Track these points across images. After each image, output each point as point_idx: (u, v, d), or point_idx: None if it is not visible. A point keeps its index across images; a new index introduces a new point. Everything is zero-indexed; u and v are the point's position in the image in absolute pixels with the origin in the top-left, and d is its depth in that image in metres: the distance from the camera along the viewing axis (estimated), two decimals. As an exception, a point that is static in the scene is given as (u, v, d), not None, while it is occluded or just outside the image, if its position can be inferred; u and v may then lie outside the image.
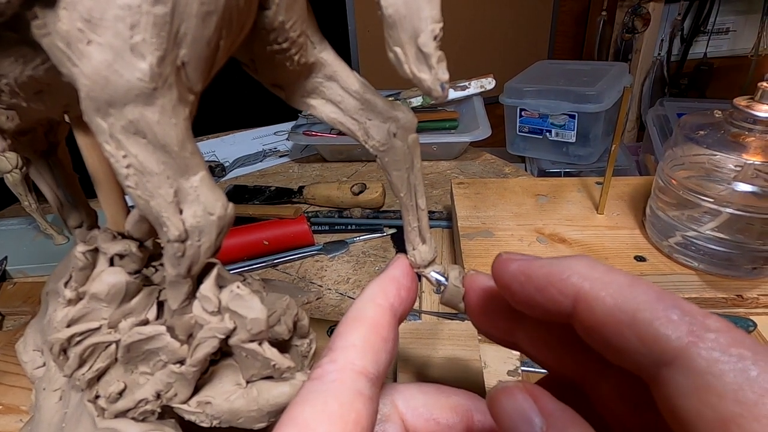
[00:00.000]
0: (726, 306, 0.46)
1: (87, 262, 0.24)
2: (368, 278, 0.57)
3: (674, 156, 0.46)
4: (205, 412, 0.24)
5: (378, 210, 0.68)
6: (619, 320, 0.14)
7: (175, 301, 0.22)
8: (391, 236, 0.62)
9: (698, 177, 0.44)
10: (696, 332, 0.13)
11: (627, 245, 0.48)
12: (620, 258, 0.47)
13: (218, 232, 0.19)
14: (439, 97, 0.17)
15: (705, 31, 1.64)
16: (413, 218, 0.24)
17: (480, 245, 0.49)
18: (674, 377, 0.13)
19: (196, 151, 0.18)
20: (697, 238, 0.44)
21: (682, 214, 0.45)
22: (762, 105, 0.40)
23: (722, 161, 0.42)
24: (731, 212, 0.42)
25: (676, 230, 0.45)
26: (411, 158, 0.22)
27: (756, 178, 0.41)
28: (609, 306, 0.14)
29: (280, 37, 0.19)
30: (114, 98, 0.15)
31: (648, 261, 0.47)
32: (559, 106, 1.28)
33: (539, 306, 0.16)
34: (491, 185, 0.60)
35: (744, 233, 0.42)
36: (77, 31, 0.15)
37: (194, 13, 0.15)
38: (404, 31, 0.16)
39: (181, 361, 0.23)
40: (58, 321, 0.24)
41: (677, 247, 0.46)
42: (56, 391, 0.27)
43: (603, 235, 0.50)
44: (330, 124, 0.23)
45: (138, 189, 0.17)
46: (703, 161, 0.44)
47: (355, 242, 0.62)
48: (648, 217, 0.49)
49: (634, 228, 0.51)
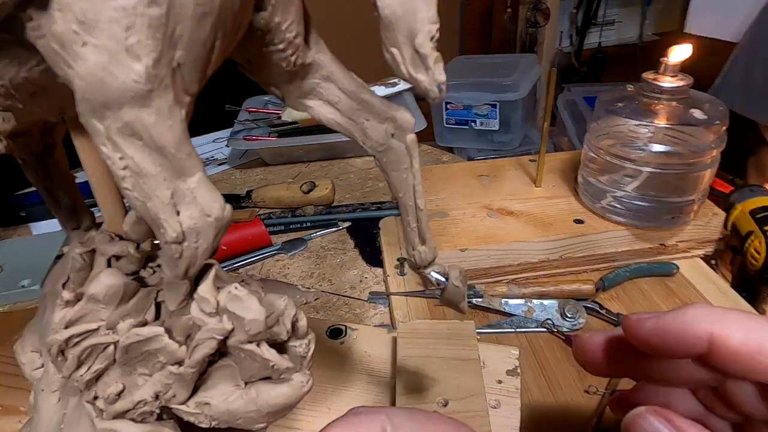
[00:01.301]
0: (652, 255, 0.54)
1: (84, 264, 0.24)
2: (330, 270, 0.58)
3: (598, 128, 0.52)
4: (204, 413, 0.24)
5: (330, 206, 0.70)
6: (749, 349, 0.18)
7: (173, 302, 0.22)
8: (347, 229, 0.65)
9: (620, 144, 0.50)
10: None
11: (566, 211, 0.55)
12: (562, 222, 0.53)
13: (215, 234, 0.19)
14: (436, 98, 0.17)
15: (595, 23, 1.87)
16: (412, 219, 0.24)
17: (438, 225, 0.53)
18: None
19: (193, 153, 0.18)
20: (623, 198, 0.51)
21: (610, 178, 0.52)
22: (665, 77, 0.47)
23: (638, 128, 0.49)
24: (649, 171, 0.49)
25: (605, 193, 0.52)
26: (409, 158, 0.22)
27: (666, 139, 0.48)
28: (738, 340, 0.18)
29: (276, 38, 0.19)
30: (110, 100, 0.15)
31: (585, 222, 0.53)
32: (482, 97, 1.38)
33: (678, 351, 0.20)
34: (436, 171, 0.65)
35: (661, 188, 0.49)
36: (72, 33, 0.14)
37: (190, 15, 0.15)
38: (401, 32, 0.16)
39: (179, 362, 0.23)
40: (56, 322, 0.24)
41: (608, 207, 0.52)
42: (55, 392, 0.27)
43: (543, 204, 0.56)
44: (327, 125, 0.23)
45: (135, 191, 0.17)
46: (623, 130, 0.50)
47: (313, 238, 0.64)
48: (580, 185, 0.56)
49: (569, 195, 0.57)
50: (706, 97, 0.50)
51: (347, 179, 0.79)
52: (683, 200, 0.50)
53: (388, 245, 0.58)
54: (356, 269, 0.58)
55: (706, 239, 0.54)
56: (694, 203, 0.51)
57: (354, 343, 0.43)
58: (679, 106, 0.48)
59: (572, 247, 0.52)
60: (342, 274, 0.57)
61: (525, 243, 0.51)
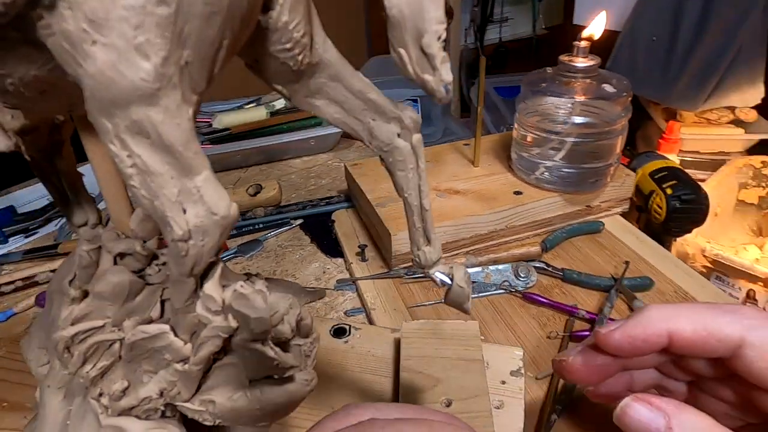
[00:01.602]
0: (582, 216, 0.62)
1: (91, 261, 0.24)
2: (292, 266, 0.60)
3: (526, 107, 0.60)
4: (208, 411, 0.24)
5: (279, 206, 0.71)
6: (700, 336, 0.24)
7: (178, 300, 0.22)
8: (300, 226, 0.67)
9: (546, 119, 0.58)
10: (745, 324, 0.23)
11: (505, 185, 0.62)
12: (503, 195, 0.60)
13: (221, 232, 0.19)
14: (443, 98, 0.17)
15: (492, 20, 2.03)
16: (418, 219, 0.24)
17: (394, 209, 0.57)
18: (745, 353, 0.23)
19: (200, 151, 0.18)
20: (553, 168, 0.59)
21: (539, 151, 0.59)
22: (578, 58, 0.55)
23: (559, 104, 0.57)
24: (572, 141, 0.56)
25: (538, 165, 0.59)
26: (415, 158, 0.22)
27: (584, 112, 0.56)
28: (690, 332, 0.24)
29: (284, 37, 0.19)
30: (118, 98, 0.15)
31: (524, 193, 0.60)
32: (404, 93, 1.44)
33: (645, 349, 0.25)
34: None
35: (583, 156, 0.58)
36: (82, 32, 0.15)
37: (198, 14, 0.15)
38: (408, 33, 0.16)
39: (184, 359, 0.23)
40: (62, 319, 0.24)
41: (541, 177, 0.60)
42: (60, 388, 0.27)
43: (485, 181, 0.63)
44: (334, 125, 0.23)
45: (142, 189, 0.17)
46: (548, 107, 0.58)
47: (268, 238, 0.65)
48: (514, 161, 0.63)
49: (506, 171, 0.65)
50: (612, 75, 0.58)
51: (289, 180, 0.80)
52: (602, 165, 0.59)
53: (344, 236, 0.62)
54: (317, 262, 0.60)
55: (623, 197, 0.64)
56: (611, 166, 0.60)
57: (358, 343, 0.43)
58: (592, 82, 0.56)
59: (515, 216, 0.59)
60: (304, 268, 0.59)
61: (474, 217, 0.56)
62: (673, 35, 1.04)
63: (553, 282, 0.54)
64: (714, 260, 0.75)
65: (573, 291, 0.53)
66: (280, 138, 0.82)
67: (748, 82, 0.94)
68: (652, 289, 0.52)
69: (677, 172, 0.64)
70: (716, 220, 0.82)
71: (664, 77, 1.04)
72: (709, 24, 0.98)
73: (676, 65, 1.02)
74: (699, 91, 0.96)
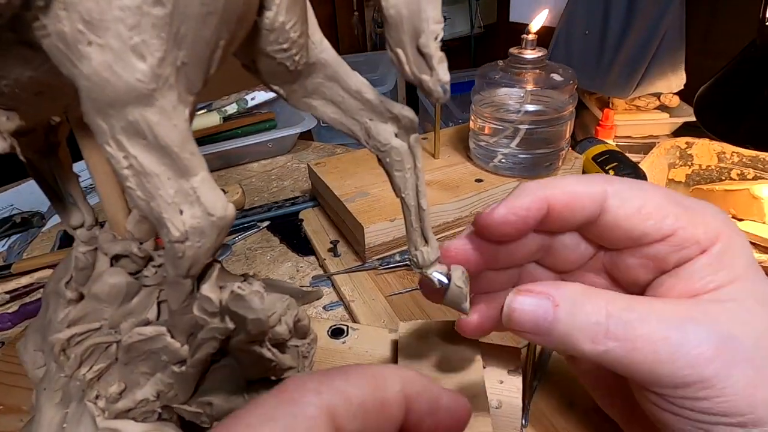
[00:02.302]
0: None
1: (87, 263, 0.24)
2: (265, 267, 0.60)
3: (481, 98, 0.62)
4: (206, 413, 0.24)
5: (243, 210, 0.71)
6: (571, 196, 0.24)
7: (175, 301, 0.22)
8: (267, 228, 0.67)
9: (500, 109, 0.60)
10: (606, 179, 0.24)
11: (466, 174, 0.64)
12: (465, 184, 0.61)
13: (218, 233, 0.19)
14: (440, 98, 0.17)
15: None
16: (415, 219, 0.24)
17: (363, 203, 0.58)
18: (609, 204, 0.24)
19: (196, 152, 0.18)
20: (509, 155, 0.61)
21: (496, 140, 0.62)
22: (526, 50, 0.59)
23: (512, 93, 0.60)
24: (525, 128, 0.59)
25: (495, 153, 0.62)
26: (413, 158, 0.22)
27: (535, 101, 0.59)
28: (562, 193, 0.24)
29: (281, 37, 0.19)
30: (114, 99, 0.15)
31: (484, 180, 0.62)
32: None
33: (529, 220, 0.24)
34: (343, 159, 0.70)
35: (536, 143, 0.60)
36: (77, 33, 0.14)
37: (194, 14, 0.15)
38: (405, 33, 0.16)
39: (181, 361, 0.23)
40: (58, 321, 0.24)
41: (499, 164, 0.63)
42: (57, 391, 0.27)
43: (446, 171, 0.65)
44: (331, 125, 0.23)
45: (138, 190, 0.17)
46: (502, 96, 0.61)
47: (236, 242, 0.65)
48: (473, 150, 0.65)
49: (465, 161, 0.67)
50: (558, 65, 0.61)
51: (250, 183, 0.80)
52: (554, 150, 0.62)
53: (314, 233, 0.62)
54: (289, 261, 0.60)
55: None
56: (562, 150, 0.62)
57: (355, 343, 0.43)
58: (541, 72, 0.59)
59: (478, 203, 0.61)
60: (277, 269, 0.59)
61: (440, 206, 0.58)
62: (604, 29, 1.13)
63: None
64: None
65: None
66: (236, 142, 0.82)
67: (671, 70, 1.03)
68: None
69: (617, 155, 0.67)
70: (651, 198, 0.85)
71: (597, 68, 1.12)
72: (635, 17, 1.08)
73: (607, 57, 1.11)
74: (629, 80, 1.04)
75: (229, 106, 0.90)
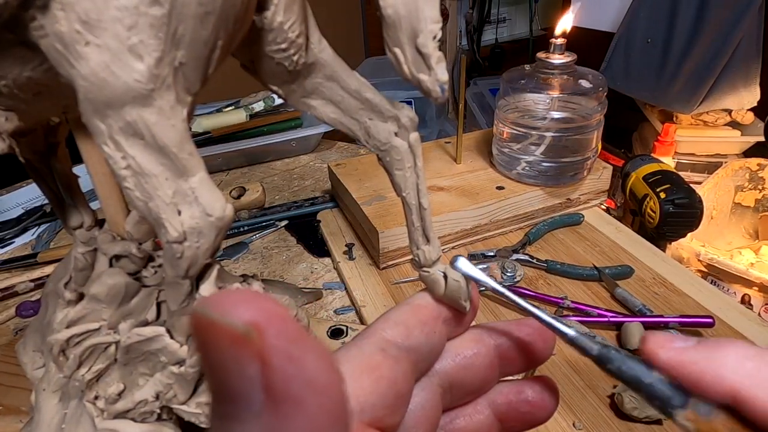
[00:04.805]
0: (562, 208, 0.63)
1: (86, 263, 0.24)
2: (280, 267, 0.59)
3: (506, 104, 0.60)
4: (205, 413, 0.24)
5: (263, 208, 0.71)
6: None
7: (174, 302, 0.22)
8: (285, 227, 0.67)
9: (526, 116, 0.59)
10: None
11: (487, 180, 0.63)
12: (486, 190, 0.60)
13: (216, 234, 0.19)
14: (438, 98, 0.16)
15: (489, 21, 2.04)
16: (416, 218, 0.24)
17: (379, 207, 0.57)
18: None
19: (194, 152, 0.18)
20: (533, 162, 0.60)
21: (520, 147, 0.60)
22: (555, 55, 0.56)
23: (538, 99, 0.58)
24: (551, 135, 0.57)
25: (518, 160, 0.60)
26: (413, 157, 0.22)
27: (562, 107, 0.57)
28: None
29: (279, 37, 0.19)
30: (112, 100, 0.15)
31: (506, 188, 0.60)
32: (398, 95, 1.45)
33: (692, 387, 0.16)
34: (364, 161, 0.69)
35: (562, 151, 0.59)
36: (75, 33, 0.14)
37: (192, 14, 0.15)
38: (403, 32, 0.16)
39: (180, 362, 0.23)
40: (57, 322, 0.24)
41: (522, 172, 0.61)
42: (56, 392, 0.27)
43: (467, 177, 0.63)
44: (330, 125, 0.23)
45: (136, 190, 0.17)
46: (527, 103, 0.59)
47: (253, 240, 0.65)
48: (495, 157, 0.64)
49: (487, 167, 0.66)
50: (588, 71, 0.59)
51: (272, 182, 0.80)
52: (580, 159, 0.60)
53: (331, 235, 0.62)
54: (304, 262, 0.60)
55: (601, 190, 0.65)
56: (588, 160, 0.61)
57: (355, 344, 0.43)
58: (569, 78, 0.57)
59: (498, 210, 0.59)
60: (292, 269, 0.59)
61: (459, 212, 0.57)
62: (668, 37, 1.04)
63: (538, 273, 0.55)
64: (709, 264, 0.75)
65: (557, 281, 0.54)
66: (261, 140, 0.82)
67: (743, 84, 0.94)
68: (632, 276, 0.54)
69: (671, 176, 0.64)
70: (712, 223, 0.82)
71: (658, 79, 1.04)
72: (705, 26, 0.97)
73: (671, 67, 1.03)
74: (694, 93, 0.96)
75: (256, 103, 0.90)
